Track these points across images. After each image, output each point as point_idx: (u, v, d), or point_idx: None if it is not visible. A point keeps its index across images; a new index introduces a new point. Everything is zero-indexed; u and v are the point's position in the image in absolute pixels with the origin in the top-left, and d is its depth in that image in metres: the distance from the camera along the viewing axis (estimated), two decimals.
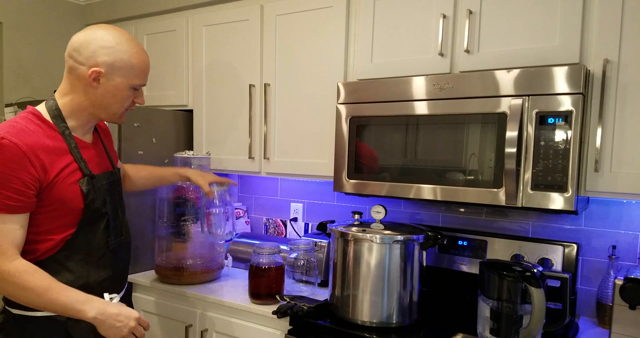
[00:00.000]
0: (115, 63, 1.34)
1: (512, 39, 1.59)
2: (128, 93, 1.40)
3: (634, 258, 1.72)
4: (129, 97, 1.41)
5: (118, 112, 1.42)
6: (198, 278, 2.09)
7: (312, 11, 2.00)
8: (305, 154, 2.06)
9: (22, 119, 1.30)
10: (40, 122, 1.32)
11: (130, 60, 1.36)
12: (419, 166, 1.68)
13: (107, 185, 1.44)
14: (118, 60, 1.34)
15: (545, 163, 1.46)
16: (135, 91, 1.43)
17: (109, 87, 1.36)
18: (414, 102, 1.67)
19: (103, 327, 1.30)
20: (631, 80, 1.43)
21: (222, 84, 2.29)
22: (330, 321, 1.68)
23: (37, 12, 2.69)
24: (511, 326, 1.42)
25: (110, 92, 1.36)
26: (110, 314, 1.30)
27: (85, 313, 1.27)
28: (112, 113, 1.41)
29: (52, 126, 1.33)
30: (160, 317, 2.10)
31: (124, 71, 1.36)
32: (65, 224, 1.33)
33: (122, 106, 1.41)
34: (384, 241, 1.61)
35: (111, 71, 1.34)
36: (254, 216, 2.63)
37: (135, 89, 1.42)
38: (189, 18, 2.39)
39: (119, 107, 1.41)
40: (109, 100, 1.38)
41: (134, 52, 1.37)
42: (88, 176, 1.36)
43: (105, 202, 1.42)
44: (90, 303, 1.29)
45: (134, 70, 1.38)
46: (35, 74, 2.69)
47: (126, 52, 1.36)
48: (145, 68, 1.42)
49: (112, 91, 1.36)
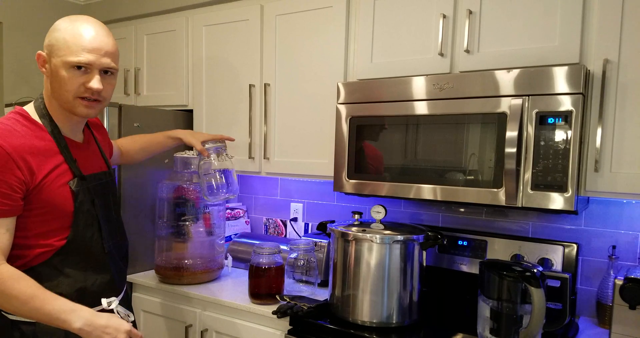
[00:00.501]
0: (52, 42, 1.26)
1: (512, 39, 1.59)
2: (66, 74, 1.25)
3: (634, 258, 1.72)
4: (70, 79, 1.25)
5: (67, 99, 1.28)
6: (198, 278, 2.09)
7: (312, 11, 2.00)
8: (305, 154, 2.06)
9: (8, 120, 1.26)
10: (28, 122, 1.28)
11: (64, 36, 1.25)
12: (419, 166, 1.68)
13: (99, 186, 1.40)
14: (53, 39, 1.26)
15: (545, 163, 1.46)
16: (82, 74, 1.26)
17: (51, 71, 1.27)
18: (414, 102, 1.67)
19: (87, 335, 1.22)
20: (631, 80, 1.43)
21: (222, 84, 2.29)
22: (330, 321, 1.68)
23: (37, 12, 2.69)
24: (511, 326, 1.42)
25: (53, 76, 1.27)
26: (97, 325, 1.21)
27: (71, 324, 1.19)
28: (64, 102, 1.29)
29: (41, 126, 1.29)
30: (160, 317, 2.10)
31: (58, 49, 1.25)
32: (57, 228, 1.30)
33: (68, 91, 1.26)
34: (384, 241, 1.61)
35: (50, 51, 1.26)
36: (254, 216, 2.63)
37: (80, 69, 1.25)
38: (189, 18, 2.39)
39: (64, 92, 1.27)
40: (54, 84, 1.27)
41: (69, 29, 1.25)
42: (78, 177, 1.32)
43: (94, 203, 1.37)
44: (77, 313, 1.20)
45: (68, 46, 1.24)
46: (35, 74, 2.69)
47: (61, 30, 1.25)
48: (84, 43, 1.24)
49: (54, 74, 1.26)
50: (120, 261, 1.50)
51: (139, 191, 2.20)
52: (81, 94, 1.28)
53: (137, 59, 2.60)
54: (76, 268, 1.33)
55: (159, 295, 2.11)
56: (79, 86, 1.27)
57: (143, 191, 2.21)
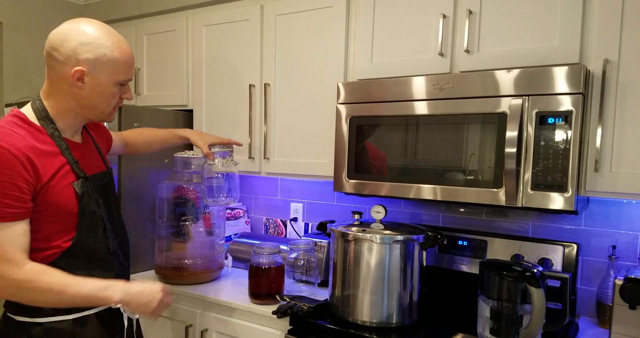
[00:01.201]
0: (98, 60, 1.27)
1: (512, 39, 1.59)
2: (114, 90, 1.33)
3: (634, 258, 1.72)
4: (115, 94, 1.34)
5: (106, 111, 1.36)
6: (198, 278, 2.09)
7: (312, 11, 2.00)
8: (305, 154, 2.06)
9: (7, 123, 1.25)
10: (27, 125, 1.27)
11: (114, 54, 1.29)
12: (419, 166, 1.68)
13: (100, 186, 1.41)
14: (100, 56, 1.27)
15: (545, 163, 1.46)
16: (121, 87, 1.35)
17: (94, 86, 1.29)
18: (414, 102, 1.67)
19: (132, 307, 1.31)
20: (631, 80, 1.43)
21: (222, 84, 2.29)
22: (330, 321, 1.68)
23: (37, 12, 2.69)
24: (511, 326, 1.42)
25: (96, 91, 1.30)
26: (134, 293, 1.30)
27: (111, 298, 1.27)
28: (100, 112, 1.35)
29: (40, 129, 1.29)
30: (160, 317, 2.10)
31: (107, 67, 1.28)
32: (63, 229, 1.30)
33: (110, 104, 1.35)
34: (384, 241, 1.61)
35: (94, 68, 1.27)
36: (254, 216, 2.63)
37: (122, 84, 1.35)
38: (189, 18, 2.39)
39: (107, 105, 1.34)
40: (95, 99, 1.31)
41: (116, 46, 1.29)
42: (82, 178, 1.33)
43: (99, 204, 1.38)
44: (113, 288, 1.28)
45: (118, 65, 1.30)
46: (35, 74, 2.69)
47: (108, 47, 1.28)
48: (130, 61, 1.34)
49: (98, 90, 1.30)
50: (124, 259, 1.51)
51: (139, 191, 2.20)
52: (117, 104, 1.38)
53: (137, 59, 2.60)
54: (82, 268, 1.33)
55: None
56: (118, 99, 1.37)
57: (143, 191, 2.21)
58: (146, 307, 1.32)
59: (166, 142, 1.86)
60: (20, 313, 1.30)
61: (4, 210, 1.18)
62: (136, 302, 1.30)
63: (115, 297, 1.27)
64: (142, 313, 1.34)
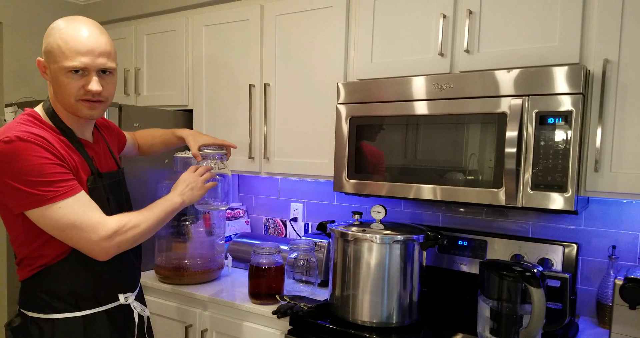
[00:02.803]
0: (47, 49, 1.26)
1: (512, 39, 1.59)
2: (64, 79, 1.25)
3: (634, 258, 1.72)
4: (69, 84, 1.25)
5: (69, 103, 1.29)
6: (198, 278, 2.09)
7: (312, 11, 2.00)
8: (305, 154, 2.06)
9: (23, 121, 1.27)
10: (41, 124, 1.29)
11: (58, 42, 1.24)
12: (419, 166, 1.68)
13: (112, 184, 1.43)
14: (49, 45, 1.25)
15: (545, 163, 1.46)
16: (81, 77, 1.26)
17: (52, 77, 1.28)
18: (414, 102, 1.67)
19: (189, 200, 1.49)
20: (631, 80, 1.43)
21: (222, 84, 2.29)
22: (330, 321, 1.68)
23: (37, 12, 2.69)
24: (511, 326, 1.42)
25: (54, 82, 1.28)
26: (182, 191, 1.48)
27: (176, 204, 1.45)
28: (68, 106, 1.30)
29: (53, 128, 1.31)
30: (161, 317, 2.10)
31: (55, 55, 1.25)
32: None
33: (69, 94, 1.27)
34: (384, 241, 1.61)
35: (48, 58, 1.27)
36: (254, 216, 2.63)
37: (77, 72, 1.25)
38: (189, 18, 2.39)
39: (66, 96, 1.27)
40: (57, 90, 1.28)
41: (62, 32, 1.24)
42: (95, 175, 1.35)
43: (109, 201, 1.40)
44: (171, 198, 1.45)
45: (63, 51, 1.24)
46: (35, 74, 2.69)
47: (54, 35, 1.25)
48: (77, 46, 1.24)
49: (54, 80, 1.27)
50: (134, 257, 1.52)
51: (139, 191, 2.20)
52: (82, 96, 1.28)
53: (137, 59, 2.60)
54: (93, 265, 1.34)
55: (159, 295, 2.11)
56: (79, 89, 1.27)
57: (143, 191, 2.21)
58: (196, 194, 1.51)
59: (168, 142, 1.85)
60: (33, 309, 1.31)
61: (64, 185, 1.22)
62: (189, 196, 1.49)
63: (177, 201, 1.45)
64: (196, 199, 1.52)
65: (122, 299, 1.42)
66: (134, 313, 1.46)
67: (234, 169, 2.26)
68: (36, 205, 1.19)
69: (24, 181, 1.17)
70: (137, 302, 1.48)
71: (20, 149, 1.17)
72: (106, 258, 1.28)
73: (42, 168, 1.18)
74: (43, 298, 1.30)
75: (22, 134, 1.19)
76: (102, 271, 1.37)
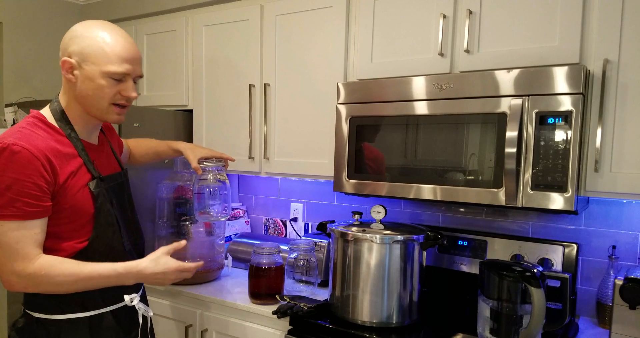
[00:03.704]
0: (83, 50, 1.25)
1: (512, 39, 1.59)
2: (104, 82, 1.27)
3: (634, 258, 1.72)
4: (107, 88, 1.28)
5: (102, 107, 1.31)
6: (198, 278, 2.08)
7: (312, 11, 2.00)
8: (305, 154, 2.06)
9: (28, 124, 1.27)
10: (46, 126, 1.29)
11: (100, 45, 1.26)
12: (419, 166, 1.68)
13: (115, 187, 1.43)
14: (85, 46, 1.25)
15: (545, 163, 1.46)
16: (118, 83, 1.30)
17: (84, 78, 1.27)
18: (414, 102, 1.67)
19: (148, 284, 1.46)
20: (631, 80, 1.43)
21: (222, 84, 2.29)
22: (330, 321, 1.68)
23: (37, 12, 2.69)
24: (511, 326, 1.42)
25: (86, 84, 1.27)
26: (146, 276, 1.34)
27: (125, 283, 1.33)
28: (97, 109, 1.31)
29: (58, 130, 1.30)
30: (161, 317, 2.10)
31: (94, 57, 1.25)
32: (79, 229, 1.31)
33: (103, 98, 1.29)
34: (384, 241, 1.61)
35: (81, 59, 1.26)
36: (254, 216, 2.63)
37: (116, 79, 1.29)
38: (189, 18, 2.39)
39: (99, 100, 1.29)
40: (88, 92, 1.28)
41: (106, 36, 1.27)
42: (97, 179, 1.34)
43: (112, 203, 1.40)
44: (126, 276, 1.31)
45: (106, 55, 1.26)
46: (35, 74, 2.69)
47: (96, 37, 1.26)
48: (121, 53, 1.28)
49: (87, 82, 1.27)
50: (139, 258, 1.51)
51: (139, 191, 2.19)
52: (117, 101, 1.32)
53: None
54: None
55: (159, 295, 2.11)
56: (115, 94, 1.30)
57: (143, 191, 2.21)
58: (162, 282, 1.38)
59: (162, 154, 1.83)
60: (38, 310, 1.32)
61: (23, 209, 1.20)
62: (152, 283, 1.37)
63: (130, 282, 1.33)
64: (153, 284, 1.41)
65: (128, 300, 1.43)
66: (139, 314, 1.46)
67: (234, 169, 2.26)
68: None
69: None
70: (141, 303, 1.48)
71: (6, 159, 1.18)
72: (9, 289, 1.25)
73: (14, 184, 1.18)
74: (49, 299, 1.30)
75: (17, 143, 1.19)
76: None
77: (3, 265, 1.21)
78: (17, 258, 1.20)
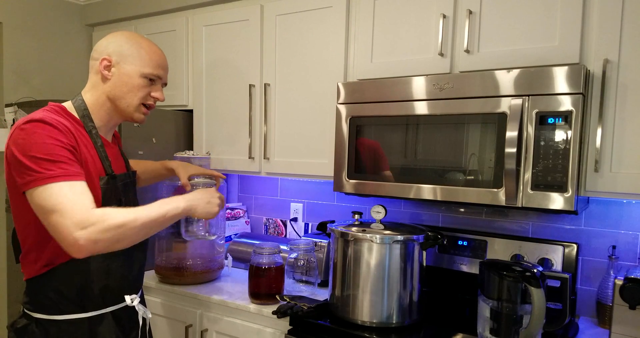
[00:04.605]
0: (124, 51, 1.37)
1: (512, 39, 1.59)
2: (140, 82, 1.39)
3: (634, 258, 1.72)
4: (142, 87, 1.40)
5: (133, 104, 1.40)
6: (198, 278, 2.09)
7: (312, 11, 2.00)
8: (305, 154, 2.06)
9: (49, 111, 1.31)
10: (68, 116, 1.33)
11: (140, 49, 1.39)
12: (419, 166, 1.68)
13: (124, 186, 1.45)
14: (126, 48, 1.38)
15: (545, 163, 1.46)
16: (151, 84, 1.42)
17: (120, 76, 1.38)
18: (414, 103, 1.67)
19: (197, 211, 1.39)
20: (631, 80, 1.43)
21: (222, 84, 2.29)
22: (330, 321, 1.68)
23: (37, 12, 2.69)
24: (511, 326, 1.42)
25: (122, 81, 1.38)
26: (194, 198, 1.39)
27: (178, 209, 1.33)
28: (127, 105, 1.40)
29: (80, 123, 1.35)
30: (161, 317, 2.10)
31: (133, 59, 1.38)
32: None
33: (136, 96, 1.40)
34: (384, 241, 1.61)
35: (121, 58, 1.37)
36: (254, 216, 2.63)
37: (150, 80, 1.41)
38: (189, 18, 2.39)
39: (132, 97, 1.40)
40: (122, 89, 1.38)
41: (143, 43, 1.41)
42: (109, 176, 1.36)
43: (121, 202, 1.41)
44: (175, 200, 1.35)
45: (143, 58, 1.39)
46: (35, 74, 2.69)
47: (135, 43, 1.39)
48: (158, 59, 1.43)
49: (123, 80, 1.38)
50: (139, 259, 1.52)
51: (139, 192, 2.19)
52: (146, 101, 1.43)
53: None
54: (100, 267, 1.35)
55: (159, 295, 2.11)
56: (146, 94, 1.42)
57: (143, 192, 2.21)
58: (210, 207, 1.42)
59: (156, 174, 1.85)
60: (38, 310, 1.32)
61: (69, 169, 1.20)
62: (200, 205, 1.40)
63: (180, 205, 1.34)
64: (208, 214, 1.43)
65: (129, 300, 1.43)
66: (138, 315, 1.46)
67: (234, 169, 2.26)
68: (36, 184, 1.16)
69: (31, 157, 1.18)
70: (140, 304, 1.49)
71: (39, 128, 1.21)
72: (78, 254, 1.16)
73: (52, 148, 1.20)
74: (51, 299, 1.30)
75: (45, 117, 1.23)
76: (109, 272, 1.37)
77: (64, 227, 1.13)
78: (76, 211, 1.14)
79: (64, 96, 2.76)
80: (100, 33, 2.82)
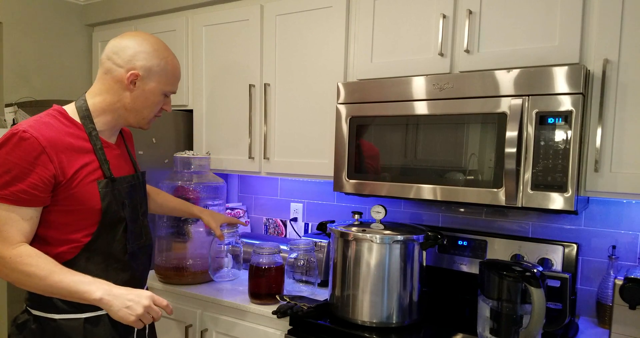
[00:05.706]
0: (153, 68, 1.38)
1: (512, 39, 1.59)
2: (160, 99, 1.43)
3: (634, 258, 1.72)
4: (159, 103, 1.44)
5: (147, 118, 1.44)
6: (198, 278, 2.09)
7: (312, 11, 2.00)
8: (305, 154, 2.06)
9: (46, 115, 1.31)
10: (65, 120, 1.32)
11: (166, 66, 1.40)
12: (419, 166, 1.68)
13: (128, 188, 1.43)
14: (155, 65, 1.38)
15: (545, 163, 1.46)
16: (165, 98, 1.46)
17: (143, 92, 1.39)
18: (414, 102, 1.67)
19: (113, 309, 1.22)
20: (631, 80, 1.43)
21: (222, 84, 2.29)
22: (330, 321, 1.68)
23: (37, 12, 2.69)
24: (511, 326, 1.42)
25: (144, 96, 1.39)
26: (118, 294, 1.23)
27: (91, 294, 1.21)
28: (141, 117, 1.43)
29: (79, 125, 1.34)
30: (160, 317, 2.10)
31: (159, 77, 1.40)
32: (83, 226, 1.32)
33: (152, 111, 1.44)
34: (384, 241, 1.61)
35: (148, 75, 1.38)
36: (254, 216, 2.63)
37: (166, 95, 1.45)
38: (189, 18, 2.39)
39: (149, 112, 1.43)
40: (141, 103, 1.40)
41: (169, 59, 1.42)
42: (108, 179, 1.35)
43: (124, 205, 1.40)
44: (97, 284, 1.23)
45: (168, 77, 1.42)
46: (35, 74, 2.69)
47: (163, 58, 1.40)
48: (178, 75, 1.47)
49: (146, 95, 1.39)
50: (143, 261, 1.52)
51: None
52: (157, 113, 1.48)
53: None
54: (99, 268, 1.35)
55: (158, 295, 2.11)
56: (160, 108, 1.47)
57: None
58: (128, 312, 1.22)
59: (177, 213, 1.90)
60: (37, 308, 1.33)
61: (17, 195, 1.21)
62: (119, 305, 1.22)
63: (96, 293, 1.21)
64: (122, 319, 1.23)
65: None
66: None
67: (234, 169, 2.26)
68: None
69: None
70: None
71: (14, 144, 1.22)
72: None
73: (14, 169, 1.21)
74: (48, 297, 1.30)
75: (28, 130, 1.22)
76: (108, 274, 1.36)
77: None
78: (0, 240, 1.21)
79: (64, 96, 2.76)
80: (100, 33, 2.82)
